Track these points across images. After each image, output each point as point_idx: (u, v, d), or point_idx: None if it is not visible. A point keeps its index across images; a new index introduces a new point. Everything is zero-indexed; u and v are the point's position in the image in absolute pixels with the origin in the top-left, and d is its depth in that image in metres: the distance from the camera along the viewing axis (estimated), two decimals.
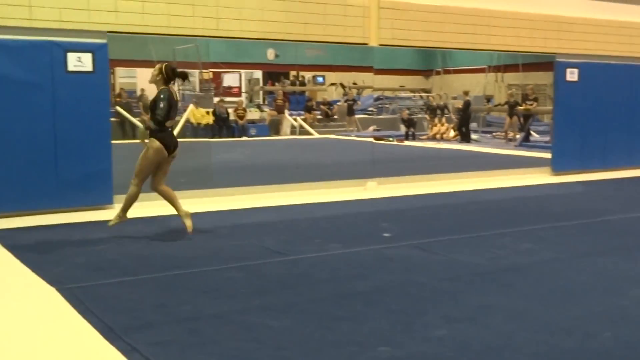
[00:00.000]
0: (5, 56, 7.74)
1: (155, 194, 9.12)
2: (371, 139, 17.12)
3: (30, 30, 7.94)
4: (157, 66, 6.95)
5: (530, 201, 9.76)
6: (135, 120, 18.68)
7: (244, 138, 20.22)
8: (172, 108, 6.93)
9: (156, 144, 6.88)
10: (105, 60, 8.39)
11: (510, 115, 19.52)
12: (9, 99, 7.75)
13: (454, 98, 24.19)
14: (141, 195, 8.90)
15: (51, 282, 5.35)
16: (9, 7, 7.80)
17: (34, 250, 6.44)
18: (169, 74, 6.95)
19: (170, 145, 6.96)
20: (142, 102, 20.12)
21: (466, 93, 20.75)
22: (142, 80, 23.97)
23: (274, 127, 21.91)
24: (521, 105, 19.45)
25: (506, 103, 20.46)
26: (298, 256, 6.30)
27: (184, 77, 7.24)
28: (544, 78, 23.45)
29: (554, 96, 12.69)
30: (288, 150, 17.58)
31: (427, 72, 31.17)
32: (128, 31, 8.64)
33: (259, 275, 5.68)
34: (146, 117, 7.12)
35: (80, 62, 8.12)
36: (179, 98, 7.17)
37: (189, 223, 7.08)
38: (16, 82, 7.74)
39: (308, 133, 21.48)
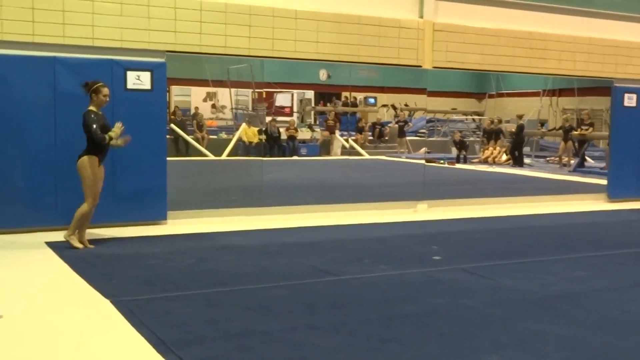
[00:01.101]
0: (68, 73, 7.99)
1: (207, 211, 9.31)
2: (422, 161, 17.08)
3: (92, 48, 8.22)
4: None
5: (584, 228, 9.60)
6: (188, 138, 18.98)
7: (295, 157, 20.36)
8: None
9: (84, 159, 7.21)
10: (163, 78, 8.60)
11: (565, 140, 19.23)
12: (71, 114, 7.94)
13: (507, 122, 23.94)
14: (192, 212, 9.11)
15: (106, 294, 5.48)
16: (73, 26, 8.07)
17: (90, 263, 6.60)
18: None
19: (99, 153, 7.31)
20: (196, 120, 20.45)
21: (520, 117, 20.54)
22: (196, 99, 24.43)
23: (325, 147, 22.02)
24: (576, 130, 19.16)
25: (561, 127, 20.17)
26: (346, 276, 6.31)
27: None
28: (600, 103, 23.03)
29: (611, 121, 12.48)
30: (338, 171, 17.63)
31: (480, 95, 30.94)
32: (186, 51, 8.84)
33: (308, 294, 5.71)
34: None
35: (139, 81, 8.34)
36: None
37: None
38: (78, 99, 7.91)
39: (359, 154, 21.51)
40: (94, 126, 7.13)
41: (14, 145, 7.84)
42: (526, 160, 20.06)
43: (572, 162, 18.94)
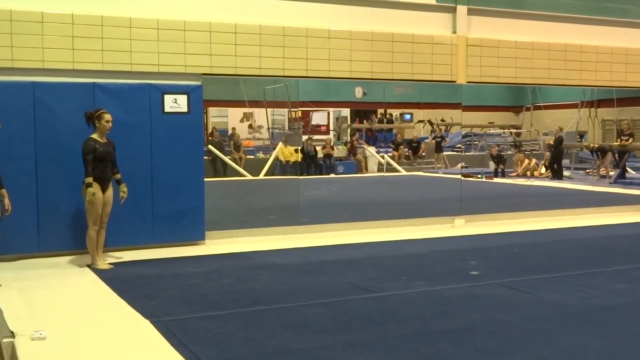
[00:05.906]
0: (108, 99, 8.16)
1: (245, 230, 9.40)
2: (459, 176, 16.98)
3: (131, 74, 8.39)
4: None
5: (625, 240, 9.44)
6: (226, 159, 19.18)
7: (332, 175, 20.40)
8: None
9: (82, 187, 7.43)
10: (199, 101, 8.74)
11: (603, 152, 18.97)
12: (111, 139, 8.13)
13: (545, 134, 23.71)
14: (230, 232, 9.21)
15: (146, 315, 5.57)
16: (111, 52, 8.27)
17: (130, 284, 6.71)
18: None
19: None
20: (233, 140, 20.65)
21: (560, 129, 20.34)
22: (233, 119, 24.66)
23: (358, 165, 21.99)
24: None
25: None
26: (384, 293, 6.32)
27: None
28: None
29: None
30: (375, 188, 17.60)
31: (517, 108, 30.69)
32: (222, 73, 8.98)
33: (345, 311, 5.73)
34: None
35: (176, 104, 8.50)
36: None
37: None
38: (117, 123, 8.09)
39: (395, 170, 21.47)
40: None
41: (57, 170, 8.01)
42: (565, 173, 19.81)
43: (612, 173, 18.66)
